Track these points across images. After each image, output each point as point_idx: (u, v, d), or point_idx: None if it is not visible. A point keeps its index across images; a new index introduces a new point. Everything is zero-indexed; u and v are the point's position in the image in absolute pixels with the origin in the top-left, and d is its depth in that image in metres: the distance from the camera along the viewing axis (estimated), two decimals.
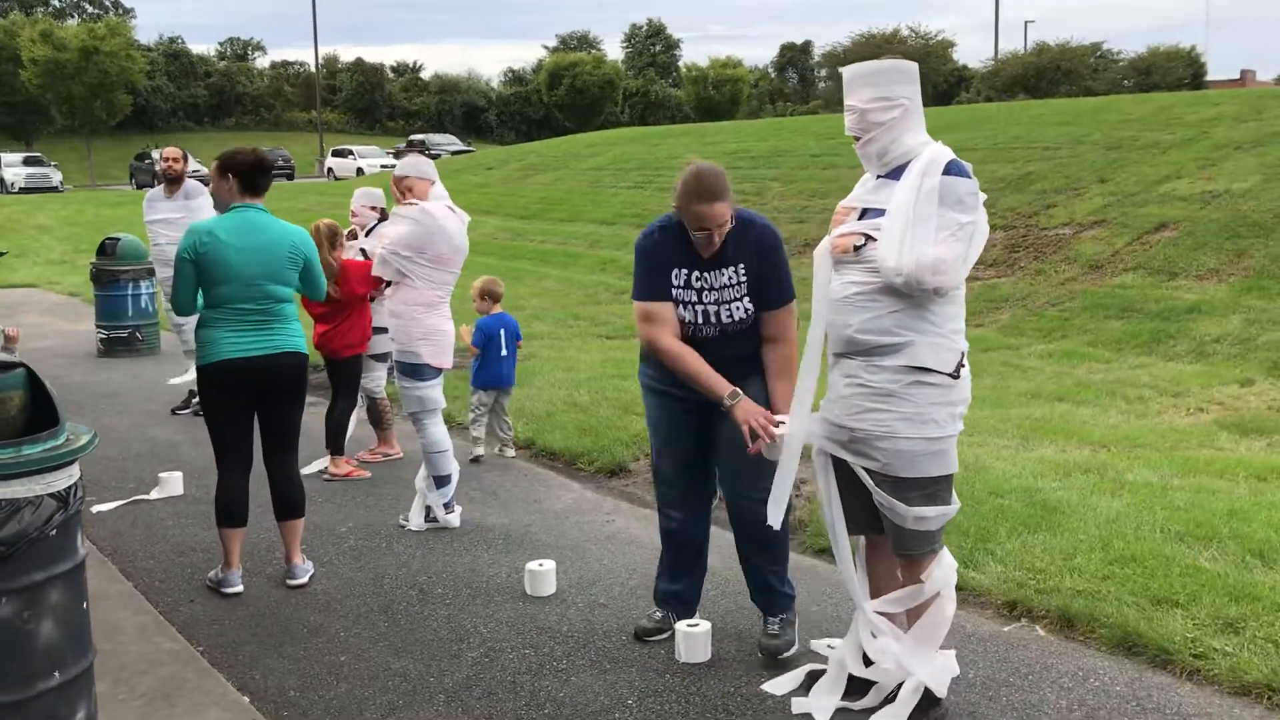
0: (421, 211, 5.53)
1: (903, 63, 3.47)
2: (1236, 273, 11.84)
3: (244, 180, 4.74)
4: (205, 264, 4.63)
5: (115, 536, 5.61)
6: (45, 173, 45.15)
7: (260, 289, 4.66)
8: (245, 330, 4.66)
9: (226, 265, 4.62)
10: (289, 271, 4.76)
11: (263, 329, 4.70)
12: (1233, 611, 4.14)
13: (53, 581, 3.04)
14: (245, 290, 4.64)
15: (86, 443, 3.16)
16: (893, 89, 3.42)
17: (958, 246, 3.33)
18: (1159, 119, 18.74)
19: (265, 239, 4.70)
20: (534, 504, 6.12)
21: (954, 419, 3.47)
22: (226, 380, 4.68)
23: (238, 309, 4.66)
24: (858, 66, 3.49)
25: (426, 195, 5.62)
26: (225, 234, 4.64)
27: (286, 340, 4.75)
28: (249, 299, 4.65)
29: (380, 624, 4.50)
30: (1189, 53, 57.01)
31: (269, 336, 4.70)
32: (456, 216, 5.65)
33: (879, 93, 3.41)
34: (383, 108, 75.62)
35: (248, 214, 4.73)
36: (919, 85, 3.50)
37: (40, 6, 69.83)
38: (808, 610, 4.55)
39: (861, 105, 3.43)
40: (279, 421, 4.86)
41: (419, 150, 46.46)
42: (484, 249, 19.75)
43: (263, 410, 4.81)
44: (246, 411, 4.79)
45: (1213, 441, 7.51)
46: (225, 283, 4.63)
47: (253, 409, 4.80)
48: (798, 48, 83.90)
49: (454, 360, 5.87)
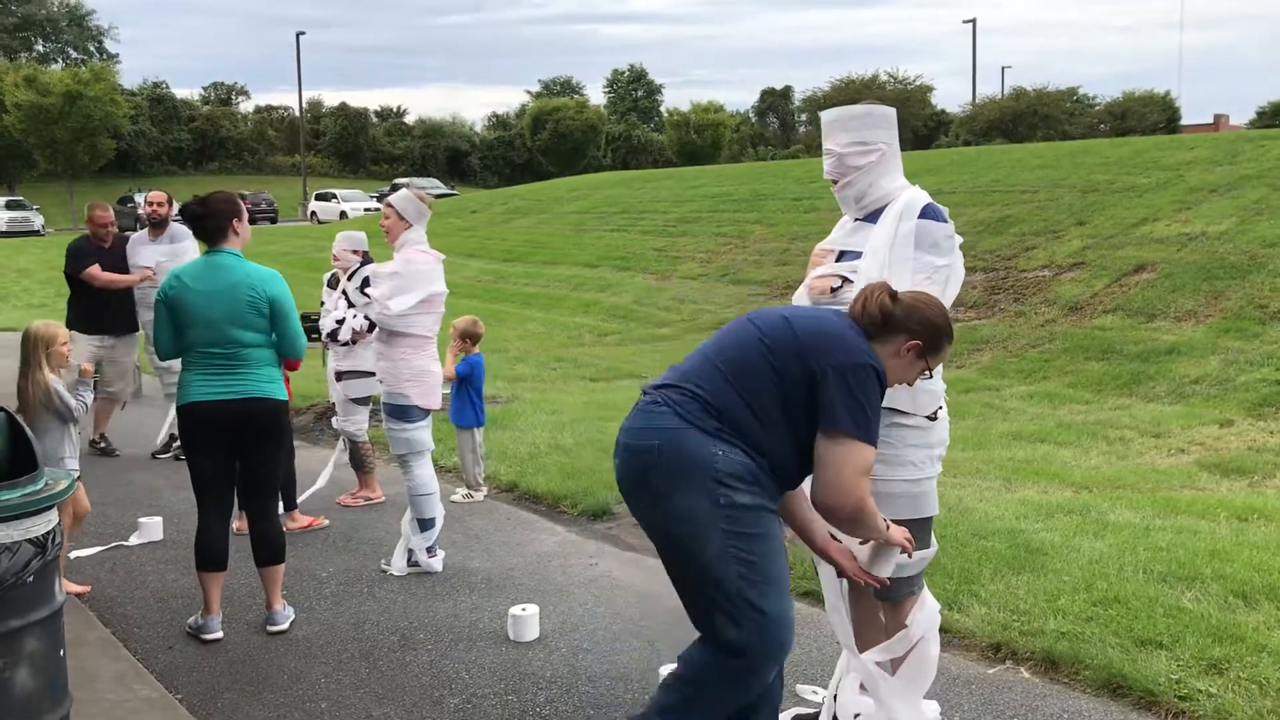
0: (403, 263, 5.56)
1: (880, 107, 3.51)
2: (1214, 314, 11.96)
3: (193, 228, 4.83)
4: (173, 308, 4.66)
5: (94, 582, 5.55)
6: (27, 216, 45.03)
7: (222, 333, 4.62)
8: (214, 374, 4.64)
9: (190, 309, 4.62)
10: (252, 316, 4.66)
11: (231, 374, 4.64)
12: (1216, 652, 4.14)
13: (30, 629, 3.01)
14: (208, 334, 4.62)
15: (65, 488, 3.14)
16: (870, 133, 3.46)
17: (933, 289, 3.35)
18: (1135, 162, 18.98)
19: (227, 283, 4.65)
20: (517, 547, 6.09)
21: (932, 461, 3.48)
22: (198, 422, 4.66)
23: (205, 353, 4.64)
24: (836, 111, 3.54)
25: (397, 236, 5.62)
26: (189, 278, 4.67)
27: (255, 386, 4.67)
28: (214, 343, 4.63)
29: (361, 670, 4.46)
30: (1164, 97, 57.78)
31: (238, 382, 4.65)
32: (434, 257, 5.67)
33: (856, 137, 3.45)
34: (366, 152, 75.83)
35: (215, 258, 4.72)
36: (896, 130, 3.54)
37: (24, 51, 69.99)
38: (793, 654, 4.52)
39: (839, 149, 3.47)
40: (254, 466, 4.81)
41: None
42: (467, 291, 19.78)
43: (239, 455, 4.78)
44: (225, 454, 4.74)
45: (1194, 482, 7.55)
46: (190, 326, 4.63)
47: (232, 454, 4.76)
48: (778, 93, 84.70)
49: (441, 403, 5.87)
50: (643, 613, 5.03)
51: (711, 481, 2.91)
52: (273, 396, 4.73)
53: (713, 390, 3.00)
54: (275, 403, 4.74)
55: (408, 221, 5.63)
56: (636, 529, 6.27)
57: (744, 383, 2.99)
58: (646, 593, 5.29)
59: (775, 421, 2.98)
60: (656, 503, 2.99)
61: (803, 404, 2.97)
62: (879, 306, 3.05)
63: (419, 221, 5.66)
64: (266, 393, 4.71)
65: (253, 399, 4.66)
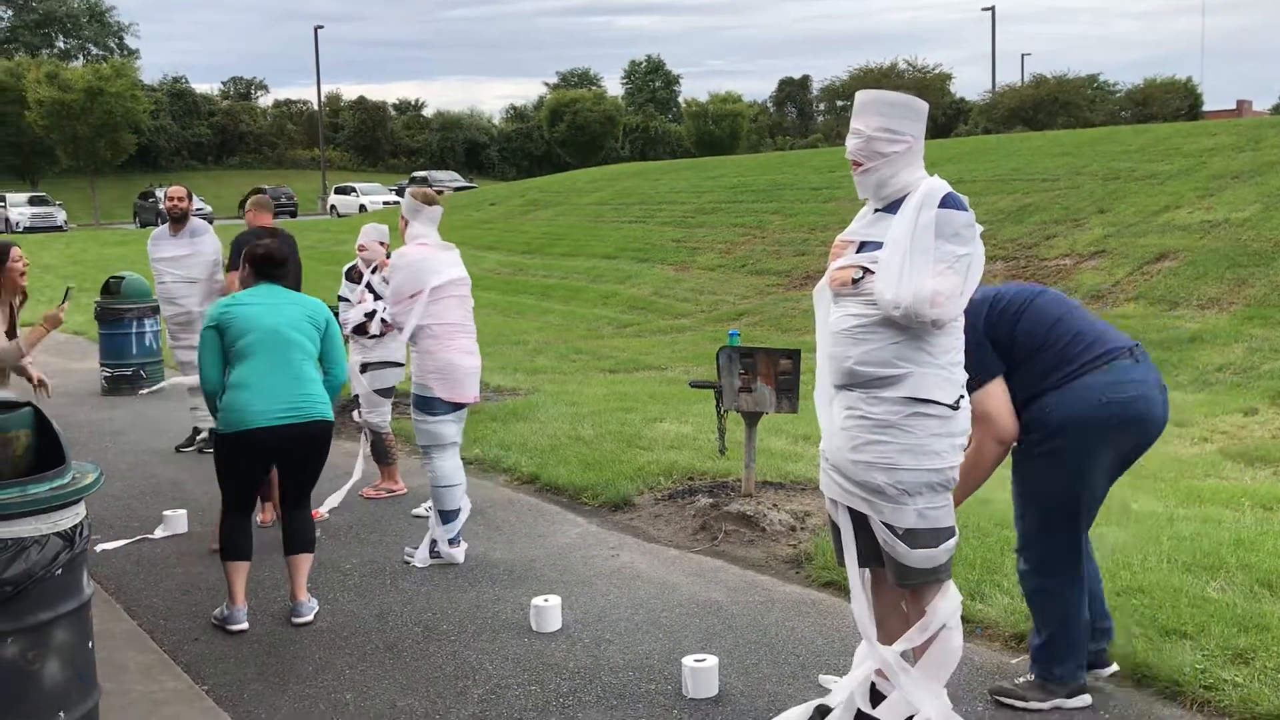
0: (397, 256, 5.72)
1: (917, 100, 3.50)
2: (1238, 301, 11.87)
3: (275, 271, 4.99)
4: (226, 327, 4.78)
5: (120, 575, 5.60)
6: (50, 212, 45.37)
7: (283, 337, 4.77)
8: (272, 390, 4.72)
9: (249, 318, 4.77)
10: (309, 327, 4.86)
11: (289, 389, 4.75)
12: (1242, 642, 4.11)
13: (58, 621, 3.04)
14: (268, 341, 4.75)
15: (92, 481, 3.17)
16: (901, 123, 3.45)
17: (955, 278, 3.34)
18: (1157, 149, 18.84)
19: (286, 299, 4.91)
20: (539, 539, 6.11)
21: (955, 450, 3.47)
22: (255, 448, 4.76)
23: (264, 362, 4.73)
24: (874, 92, 3.52)
25: (403, 236, 5.82)
26: (246, 297, 4.89)
27: (314, 406, 4.80)
28: (273, 349, 4.75)
29: (385, 661, 4.49)
30: (1185, 84, 57.36)
31: (298, 400, 4.76)
32: (441, 248, 5.74)
33: (888, 124, 3.44)
34: (385, 145, 76.03)
35: (272, 286, 4.97)
36: (925, 125, 3.53)
37: (46, 48, 70.41)
38: (813, 643, 4.53)
39: (868, 131, 3.46)
40: (300, 477, 4.95)
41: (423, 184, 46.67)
42: (486, 284, 19.81)
43: (285, 467, 4.91)
44: (267, 470, 4.93)
45: (1218, 471, 7.50)
46: (249, 333, 4.75)
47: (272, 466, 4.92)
48: (796, 82, 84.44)
49: (480, 395, 5.90)
50: (664, 604, 5.04)
51: None
52: (327, 418, 4.88)
53: None
54: (329, 424, 4.89)
55: (405, 219, 5.82)
56: (657, 520, 6.29)
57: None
58: (667, 584, 5.30)
59: None
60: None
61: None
62: None
63: (415, 217, 5.77)
64: (324, 414, 4.85)
65: (313, 422, 4.79)
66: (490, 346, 12.23)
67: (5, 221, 45.38)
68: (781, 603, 5.00)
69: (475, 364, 5.76)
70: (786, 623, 4.74)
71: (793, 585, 5.26)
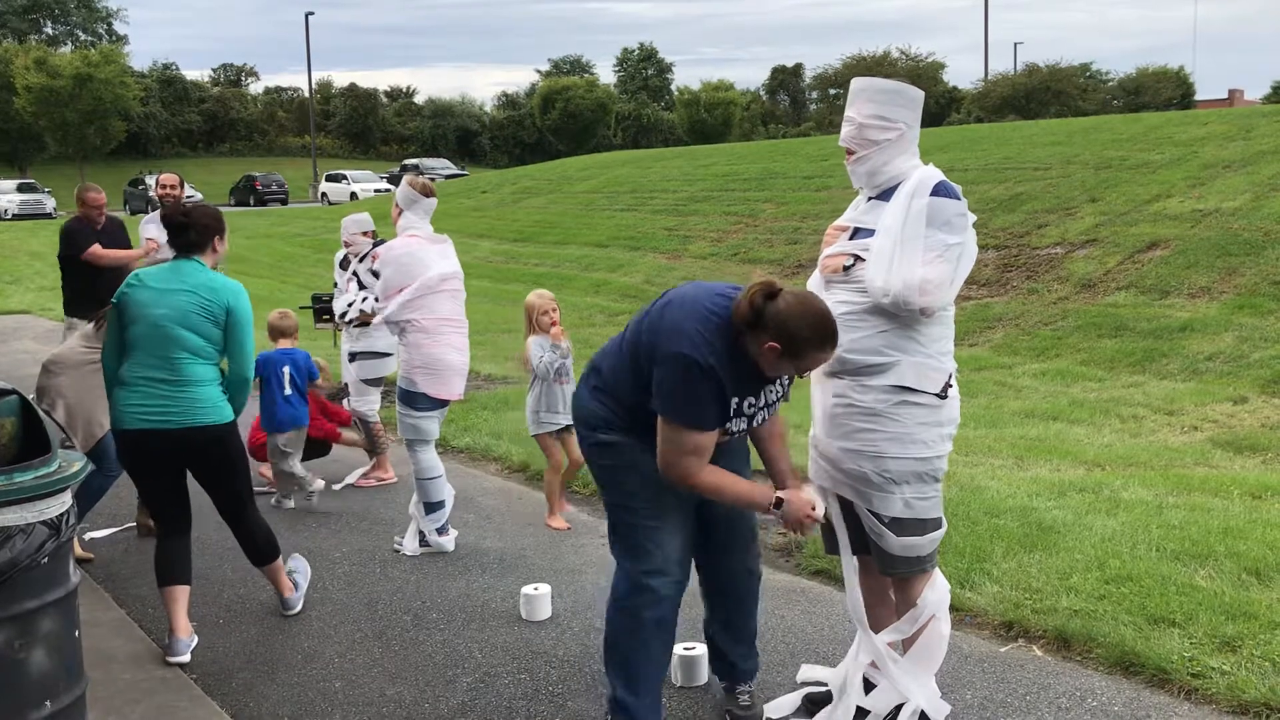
0: (385, 250, 5.71)
1: (910, 88, 3.48)
2: (1228, 290, 11.89)
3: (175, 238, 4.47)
4: (123, 308, 4.35)
5: (108, 564, 5.58)
6: (38, 199, 45.17)
7: (164, 334, 4.27)
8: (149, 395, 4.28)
9: (137, 305, 4.31)
10: (200, 320, 4.31)
11: (168, 396, 4.27)
12: (1230, 630, 4.13)
13: (45, 610, 3.02)
14: (149, 335, 4.27)
15: (78, 470, 3.15)
16: (894, 111, 3.43)
17: (945, 267, 3.33)
18: (1149, 139, 18.84)
19: (185, 284, 4.34)
20: (529, 528, 6.10)
21: (943, 439, 3.47)
22: (133, 449, 4.34)
23: (143, 363, 4.28)
24: (868, 80, 3.50)
25: (394, 224, 5.78)
26: (148, 277, 4.38)
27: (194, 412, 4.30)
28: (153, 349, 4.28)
29: (374, 650, 4.48)
30: (1178, 73, 57.43)
31: (175, 406, 4.28)
32: (432, 240, 5.68)
33: (880, 111, 3.43)
34: (376, 132, 75.82)
35: (182, 263, 4.45)
36: (920, 113, 3.51)
37: (34, 34, 70.02)
38: (803, 631, 4.53)
39: (860, 119, 3.44)
40: (213, 489, 4.52)
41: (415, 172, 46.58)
42: (478, 272, 19.77)
43: (196, 478, 4.47)
44: (173, 476, 4.45)
45: (1207, 459, 7.52)
46: (134, 323, 4.30)
47: (182, 473, 4.46)
48: (789, 70, 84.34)
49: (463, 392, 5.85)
50: None
51: (581, 425, 3.52)
52: (211, 423, 4.33)
53: (603, 354, 3.51)
54: (213, 429, 4.34)
55: (400, 208, 5.75)
56: None
57: (619, 354, 3.43)
58: None
59: (635, 388, 3.35)
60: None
61: (648, 379, 3.29)
62: (749, 303, 3.15)
63: (410, 207, 5.72)
64: (205, 419, 4.32)
65: (193, 429, 4.29)
66: (481, 335, 12.22)
67: None
68: (771, 591, 5.00)
69: (463, 361, 5.72)
70: (776, 611, 4.74)
71: (782, 573, 5.26)
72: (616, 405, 3.42)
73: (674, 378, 3.17)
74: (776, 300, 3.14)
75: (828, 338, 3.16)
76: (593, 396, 3.48)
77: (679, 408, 3.20)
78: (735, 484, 3.33)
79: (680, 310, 3.24)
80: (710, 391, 3.18)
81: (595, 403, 3.46)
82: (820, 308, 3.17)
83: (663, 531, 3.43)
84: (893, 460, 3.39)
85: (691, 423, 3.19)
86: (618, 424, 3.42)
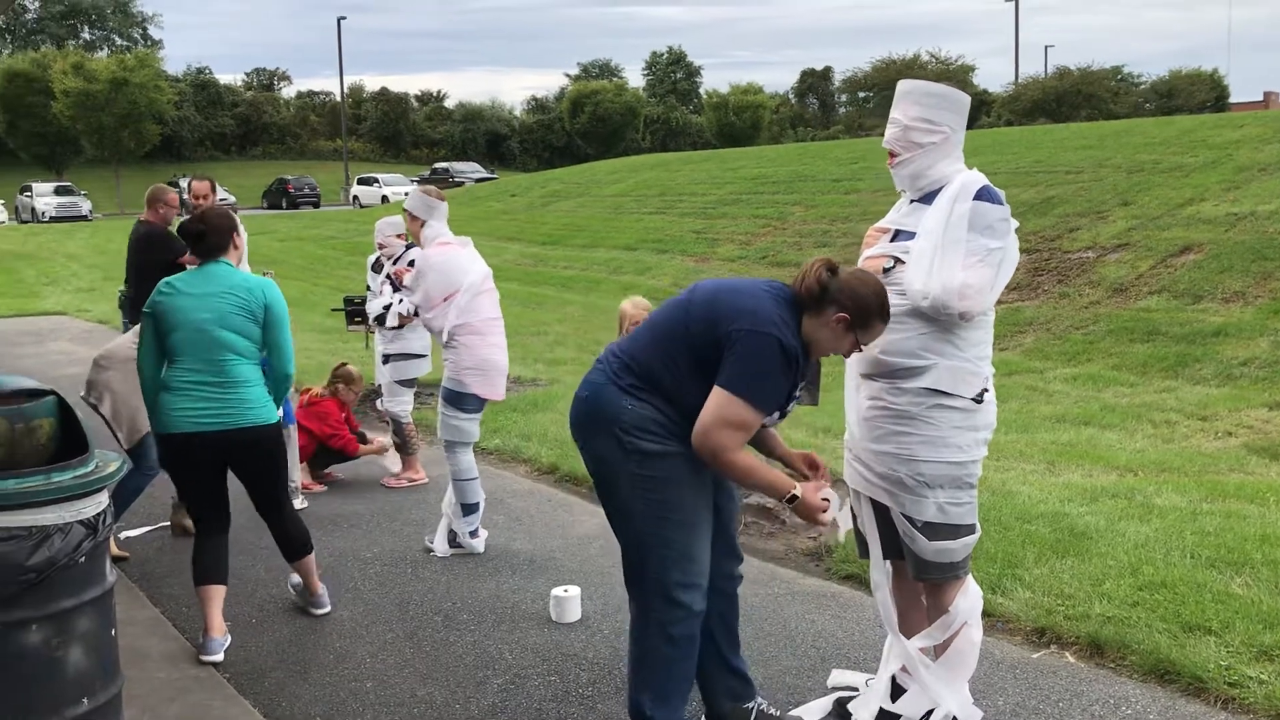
0: (422, 261, 5.67)
1: (957, 92, 3.48)
2: (1263, 295, 11.75)
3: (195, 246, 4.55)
4: (159, 317, 4.40)
5: (143, 563, 5.64)
6: (75, 202, 45.73)
7: (209, 337, 4.34)
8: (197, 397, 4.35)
9: (177, 312, 4.36)
10: (241, 320, 4.39)
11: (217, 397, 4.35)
12: (1267, 639, 4.08)
13: (82, 608, 3.06)
14: (193, 340, 4.34)
15: (115, 470, 3.19)
16: (940, 114, 3.42)
17: (986, 272, 3.32)
18: (1182, 142, 18.66)
19: (219, 286, 4.43)
20: (559, 529, 6.11)
21: (977, 444, 3.45)
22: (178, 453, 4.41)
23: (189, 368, 4.35)
24: (914, 82, 3.50)
25: (419, 235, 5.75)
26: (180, 283, 4.46)
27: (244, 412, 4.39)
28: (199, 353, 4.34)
29: (406, 650, 4.50)
30: (1211, 75, 56.83)
31: (225, 407, 4.35)
32: (452, 249, 5.67)
33: (925, 114, 3.42)
34: (407, 136, 76.16)
35: (210, 267, 4.52)
36: (965, 118, 3.50)
37: (71, 39, 70.86)
38: (834, 636, 4.52)
39: (906, 121, 3.44)
40: (255, 488, 4.59)
41: (442, 178, 46.75)
42: (507, 275, 19.83)
43: (239, 478, 4.54)
44: (214, 478, 4.51)
45: (1242, 466, 7.44)
46: (175, 330, 4.36)
47: (223, 474, 4.52)
48: (818, 73, 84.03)
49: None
50: None
51: (619, 430, 3.26)
52: (262, 422, 4.43)
53: (634, 351, 3.33)
54: (264, 428, 4.44)
55: (421, 219, 5.70)
56: None
57: (664, 345, 3.28)
58: None
59: (691, 378, 3.23)
60: (584, 445, 3.41)
61: (715, 365, 3.19)
62: (816, 279, 3.21)
63: (431, 215, 5.69)
64: (257, 419, 4.40)
65: (245, 429, 4.37)
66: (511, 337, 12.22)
67: (31, 211, 45.77)
68: (801, 596, 4.99)
69: (506, 361, 5.76)
70: (807, 615, 4.73)
71: (813, 578, 5.24)
72: (670, 408, 3.25)
73: (759, 356, 3.13)
74: (838, 274, 3.25)
75: (886, 305, 3.26)
76: (634, 396, 3.26)
77: (752, 384, 3.14)
78: (763, 468, 3.28)
79: (746, 295, 3.22)
80: (787, 373, 3.18)
81: (640, 404, 3.25)
82: (877, 278, 3.29)
83: (701, 542, 3.36)
84: (926, 464, 3.38)
85: (759, 401, 3.15)
86: (673, 429, 3.25)
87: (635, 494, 3.31)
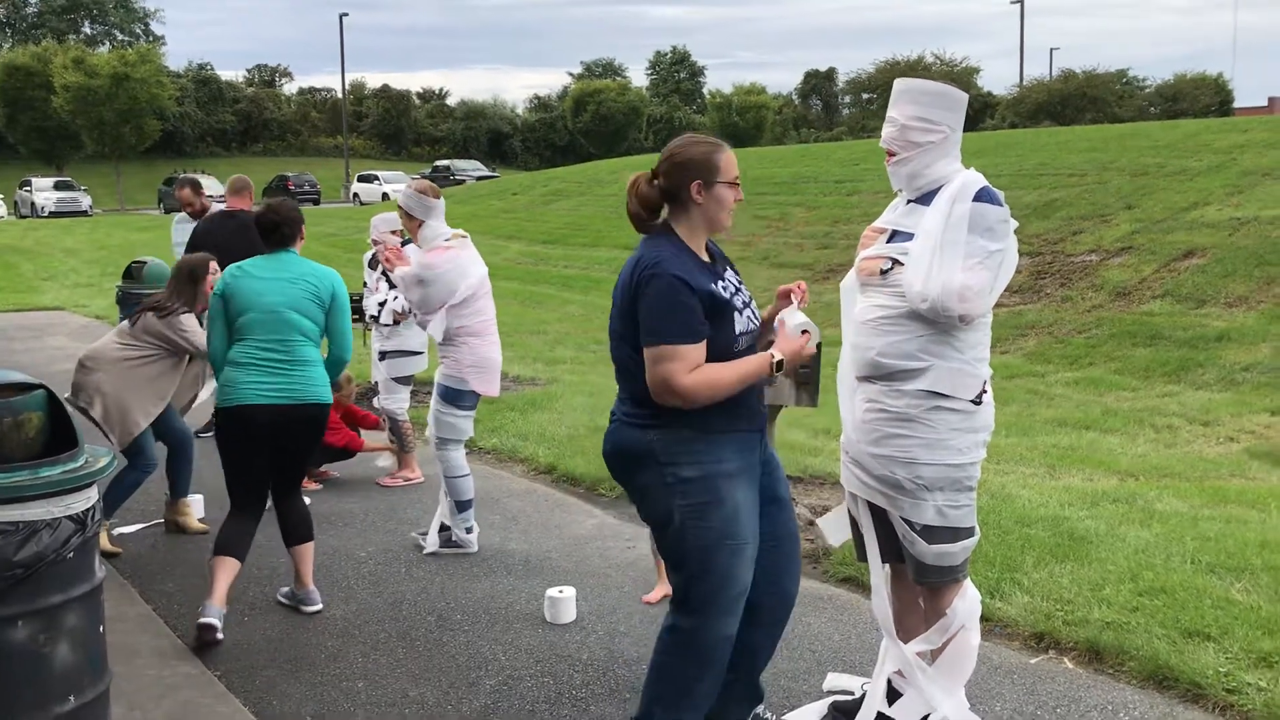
0: (424, 269, 5.49)
1: (954, 91, 3.44)
2: (1266, 300, 11.72)
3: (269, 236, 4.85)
4: (230, 297, 4.71)
5: (136, 559, 5.60)
6: (75, 197, 45.70)
7: (280, 318, 4.66)
8: (265, 372, 4.63)
9: (249, 294, 4.68)
10: (309, 304, 4.73)
11: (283, 373, 4.65)
12: (1267, 645, 4.04)
13: (70, 604, 3.02)
14: (264, 321, 4.65)
15: (104, 465, 3.15)
16: (937, 113, 3.38)
17: (985, 274, 3.28)
18: (1186, 145, 18.63)
19: (290, 273, 4.76)
20: (554, 530, 6.08)
21: (976, 446, 3.42)
22: (245, 425, 4.63)
23: (259, 345, 4.65)
24: (911, 81, 3.46)
25: (418, 235, 5.63)
26: (252, 267, 4.78)
27: (307, 389, 4.69)
28: (268, 331, 4.65)
29: (398, 650, 4.47)
30: (1216, 79, 56.81)
31: (290, 382, 4.65)
32: (455, 249, 5.58)
33: (922, 113, 3.38)
34: (408, 134, 76.15)
35: (280, 254, 4.85)
36: (963, 117, 3.46)
37: (72, 34, 70.83)
38: (830, 639, 4.48)
39: (903, 120, 3.40)
40: (291, 462, 4.82)
41: (443, 176, 46.75)
42: (507, 274, 19.81)
43: (276, 450, 4.74)
44: (266, 454, 4.72)
45: (1244, 471, 7.41)
46: (247, 311, 4.66)
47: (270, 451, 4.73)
48: (821, 74, 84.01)
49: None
50: None
51: (656, 463, 3.19)
52: (321, 401, 4.76)
53: (619, 382, 3.29)
54: (323, 407, 4.79)
55: (419, 219, 5.60)
56: None
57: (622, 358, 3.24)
58: None
59: None
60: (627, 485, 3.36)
61: None
62: (645, 190, 3.20)
63: (429, 215, 5.59)
64: (318, 397, 4.74)
65: (306, 405, 4.68)
66: (510, 336, 12.21)
67: (31, 205, 45.74)
68: (798, 598, 4.94)
69: (501, 358, 5.75)
70: (803, 618, 4.69)
71: (810, 580, 5.20)
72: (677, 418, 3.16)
73: (654, 296, 3.09)
74: (657, 170, 3.23)
75: (712, 138, 3.26)
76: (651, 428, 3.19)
77: (662, 323, 3.08)
78: (731, 368, 3.15)
79: (628, 263, 3.24)
80: (689, 292, 3.10)
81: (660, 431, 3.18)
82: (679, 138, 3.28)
83: (747, 558, 3.26)
84: (925, 466, 3.34)
85: (678, 335, 3.07)
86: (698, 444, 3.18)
87: (686, 524, 3.20)
